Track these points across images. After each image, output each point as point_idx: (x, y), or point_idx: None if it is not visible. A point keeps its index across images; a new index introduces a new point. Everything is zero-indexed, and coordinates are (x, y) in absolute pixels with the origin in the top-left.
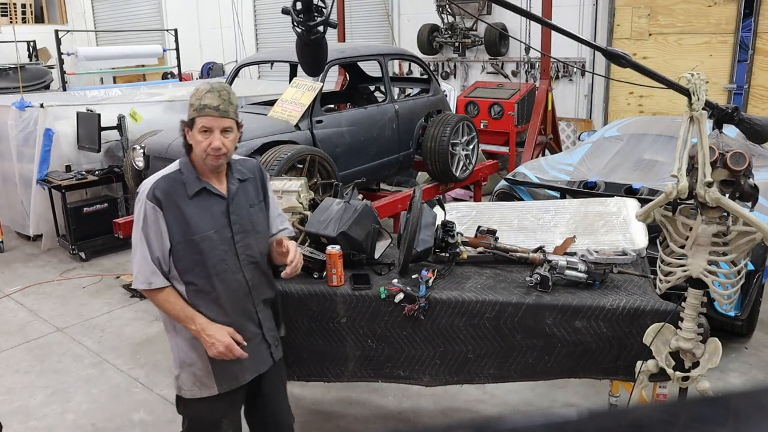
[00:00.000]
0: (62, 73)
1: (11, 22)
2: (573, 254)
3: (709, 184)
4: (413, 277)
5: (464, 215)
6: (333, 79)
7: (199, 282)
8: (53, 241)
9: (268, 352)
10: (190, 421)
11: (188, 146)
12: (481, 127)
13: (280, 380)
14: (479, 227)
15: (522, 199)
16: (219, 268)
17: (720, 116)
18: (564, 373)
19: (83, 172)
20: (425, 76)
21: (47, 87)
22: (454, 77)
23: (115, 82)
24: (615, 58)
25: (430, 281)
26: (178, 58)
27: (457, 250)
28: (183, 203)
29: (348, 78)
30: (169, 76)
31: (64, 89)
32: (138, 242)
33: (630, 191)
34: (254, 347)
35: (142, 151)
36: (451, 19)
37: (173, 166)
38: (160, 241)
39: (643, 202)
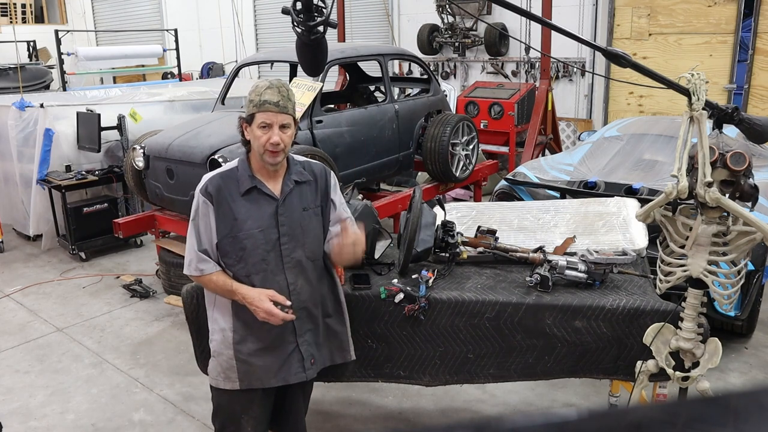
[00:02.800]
0: (62, 73)
1: (11, 22)
2: (573, 254)
3: (709, 184)
4: (413, 277)
5: (464, 215)
6: (333, 79)
7: (241, 278)
8: (53, 241)
9: (300, 365)
10: (215, 407)
11: (246, 142)
12: (481, 127)
13: (303, 400)
14: (479, 227)
15: (522, 199)
16: (259, 267)
17: (720, 116)
18: (564, 373)
19: (83, 172)
20: (425, 76)
21: (47, 87)
22: (454, 77)
23: (115, 82)
24: (615, 58)
25: (430, 281)
26: (178, 58)
27: (457, 250)
28: (233, 200)
29: (348, 78)
30: (169, 76)
31: (64, 89)
32: (190, 232)
33: (630, 191)
34: (286, 356)
35: (142, 151)
36: (451, 19)
37: (233, 164)
38: (209, 234)
39: (643, 202)
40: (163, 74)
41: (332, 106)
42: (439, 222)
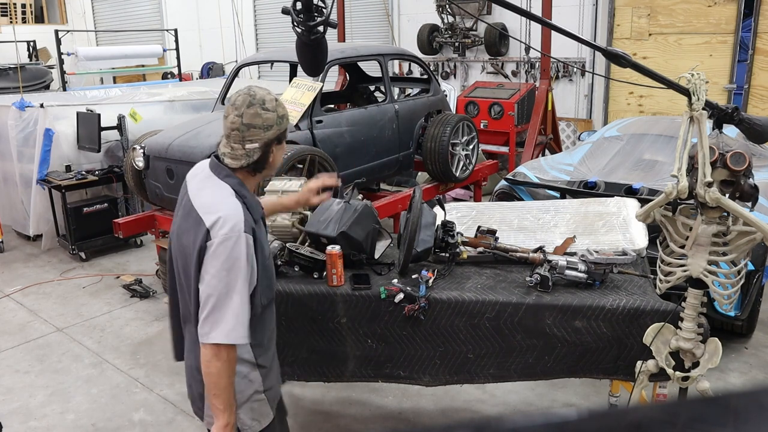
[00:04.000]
0: (62, 73)
1: (11, 22)
2: (573, 254)
3: (709, 184)
4: (413, 277)
5: (464, 215)
6: (333, 79)
7: (261, 307)
8: (53, 241)
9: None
10: None
11: (258, 166)
12: (481, 127)
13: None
14: (479, 227)
15: (522, 199)
16: (274, 288)
17: (720, 116)
18: (564, 373)
19: (83, 172)
20: (425, 76)
21: (47, 87)
22: (454, 77)
23: (115, 82)
24: (615, 58)
25: (430, 281)
26: (178, 58)
27: (457, 250)
28: (257, 228)
29: (348, 78)
30: (169, 76)
31: (64, 89)
32: (239, 288)
33: (630, 191)
34: (277, 365)
35: (142, 151)
36: (451, 19)
37: (226, 188)
38: (254, 277)
39: (643, 202)
40: (163, 74)
41: (332, 106)
42: (439, 222)
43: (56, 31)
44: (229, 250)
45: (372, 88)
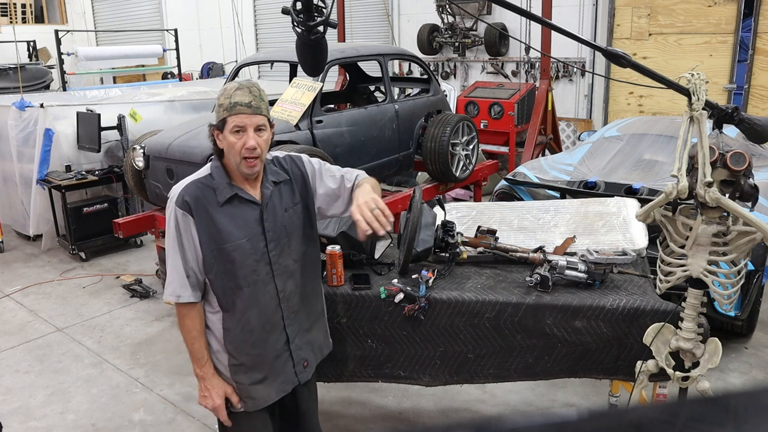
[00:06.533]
0: (62, 73)
1: (11, 22)
2: (573, 254)
3: (709, 184)
4: (413, 277)
5: (464, 215)
6: (333, 79)
7: (225, 295)
8: (53, 241)
9: (293, 371)
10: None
11: (219, 152)
12: (481, 127)
13: (311, 398)
14: (479, 227)
15: (522, 199)
16: (250, 279)
17: (720, 116)
18: (564, 373)
19: (83, 172)
20: (425, 76)
21: (47, 87)
22: (454, 77)
23: (115, 82)
24: (615, 58)
25: (430, 281)
26: (178, 58)
27: (457, 250)
28: (214, 210)
29: (348, 78)
30: (169, 76)
31: (64, 89)
32: (170, 251)
33: (630, 191)
34: (280, 366)
35: (142, 151)
36: (451, 19)
37: (204, 170)
38: (193, 250)
39: (643, 202)
40: (163, 74)
41: (332, 106)
42: (439, 222)
43: (56, 31)
44: (167, 218)
45: (372, 88)
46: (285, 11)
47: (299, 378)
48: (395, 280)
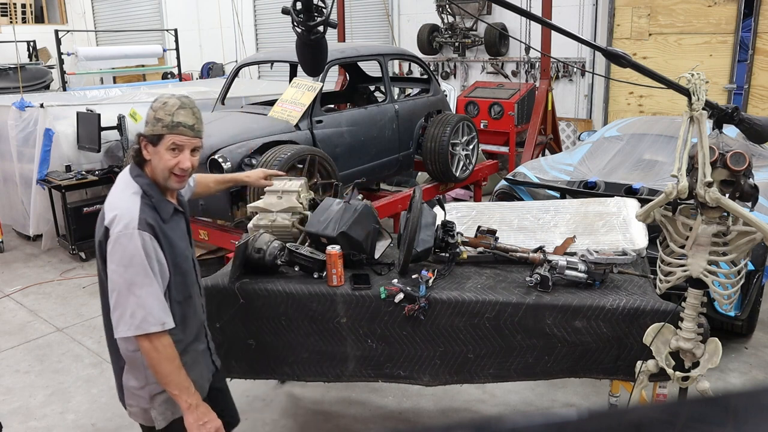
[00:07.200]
0: (62, 73)
1: (11, 22)
2: (573, 254)
3: (709, 184)
4: (413, 277)
5: (464, 215)
6: (333, 79)
7: (177, 311)
8: (53, 241)
9: (210, 360)
10: None
11: (141, 162)
12: (481, 127)
13: (224, 383)
14: (479, 227)
15: (522, 199)
16: (193, 287)
17: (720, 116)
18: (564, 373)
19: (83, 172)
20: (425, 76)
21: (47, 87)
22: (454, 77)
23: (115, 82)
24: (615, 58)
25: (430, 281)
26: (178, 58)
27: (457, 250)
28: (164, 228)
29: (348, 78)
30: (169, 76)
31: (64, 89)
32: (140, 281)
33: (630, 191)
34: (206, 358)
35: None
36: (451, 19)
37: (135, 189)
38: (163, 274)
39: (643, 202)
40: (163, 74)
41: (332, 106)
42: (439, 222)
43: (56, 31)
44: (124, 247)
45: (372, 88)
46: (285, 11)
47: (216, 364)
48: (395, 280)
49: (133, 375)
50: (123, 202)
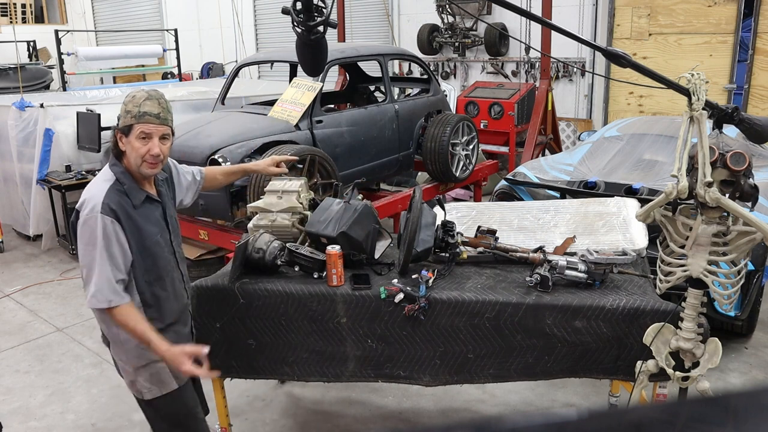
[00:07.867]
0: (62, 73)
1: (11, 22)
2: (573, 254)
3: (709, 184)
4: (413, 277)
5: (464, 215)
6: (333, 79)
7: (146, 290)
8: (53, 241)
9: (190, 337)
10: (165, 419)
11: (118, 153)
12: (481, 127)
13: None
14: (479, 227)
15: (522, 199)
16: (165, 270)
17: (720, 116)
18: (564, 373)
19: (83, 172)
20: (425, 76)
21: (47, 87)
22: (454, 77)
23: (115, 82)
24: (615, 58)
25: (430, 281)
26: (178, 58)
27: (457, 250)
28: (132, 213)
29: (348, 78)
30: (169, 76)
31: (64, 89)
32: (98, 260)
33: (630, 191)
34: (188, 339)
35: None
36: (451, 19)
37: (108, 177)
38: (123, 255)
39: (643, 202)
40: (163, 74)
41: (332, 106)
42: (439, 222)
43: (56, 31)
44: (90, 229)
45: (372, 88)
46: (285, 11)
47: (195, 341)
48: (395, 280)
49: (117, 350)
50: (94, 187)
